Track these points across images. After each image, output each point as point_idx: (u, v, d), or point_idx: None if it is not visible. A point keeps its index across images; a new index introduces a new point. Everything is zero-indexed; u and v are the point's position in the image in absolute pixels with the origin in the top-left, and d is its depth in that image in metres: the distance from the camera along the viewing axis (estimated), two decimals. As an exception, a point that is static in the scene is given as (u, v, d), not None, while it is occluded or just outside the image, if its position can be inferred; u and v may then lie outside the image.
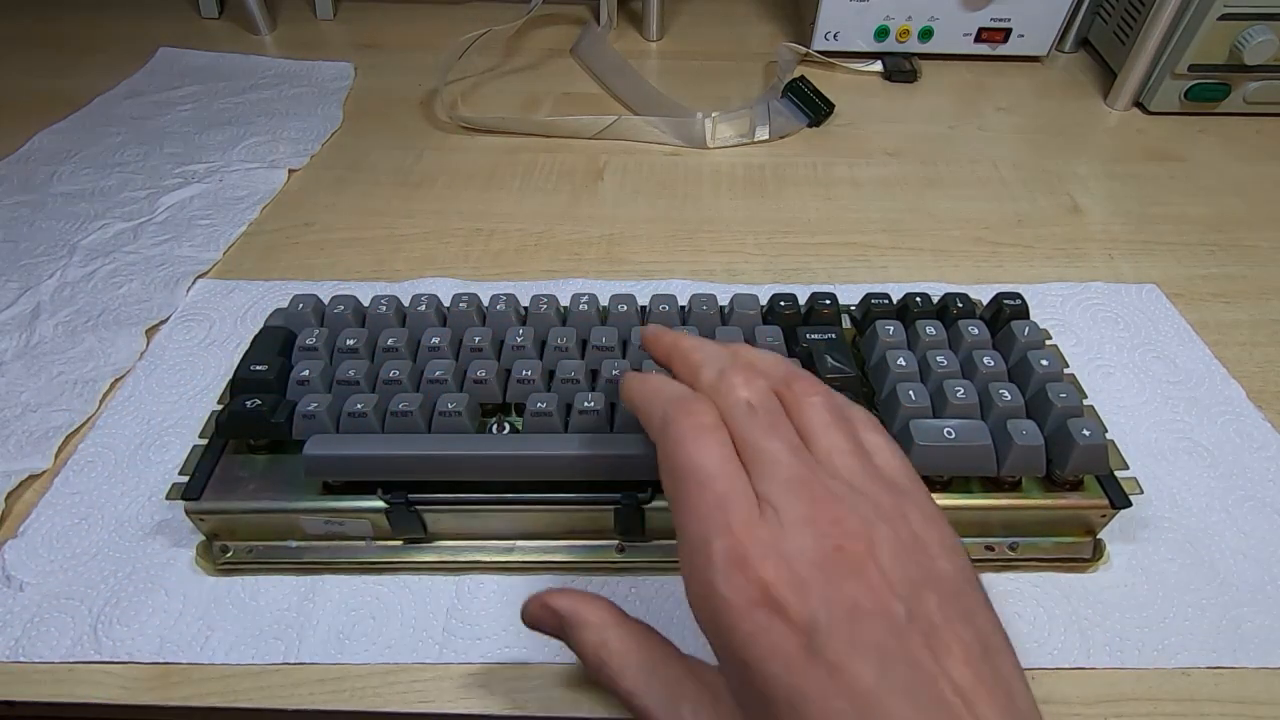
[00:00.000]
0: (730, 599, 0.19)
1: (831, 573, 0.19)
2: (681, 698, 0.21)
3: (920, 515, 0.21)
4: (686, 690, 0.21)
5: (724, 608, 0.19)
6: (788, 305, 0.36)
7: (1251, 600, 0.30)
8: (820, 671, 0.18)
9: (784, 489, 0.20)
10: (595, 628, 0.23)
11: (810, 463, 0.21)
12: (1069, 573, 0.31)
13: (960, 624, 0.19)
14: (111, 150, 0.54)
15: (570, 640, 0.24)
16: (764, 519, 0.20)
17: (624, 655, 0.22)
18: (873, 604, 0.19)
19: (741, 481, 0.21)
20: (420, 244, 0.47)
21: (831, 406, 0.23)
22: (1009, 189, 0.53)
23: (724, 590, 0.19)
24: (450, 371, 0.31)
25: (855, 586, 0.19)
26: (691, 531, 0.20)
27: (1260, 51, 0.54)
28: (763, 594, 0.19)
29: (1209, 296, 0.44)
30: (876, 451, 0.23)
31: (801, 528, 0.20)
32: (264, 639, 0.29)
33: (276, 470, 0.31)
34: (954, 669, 0.18)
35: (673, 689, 0.21)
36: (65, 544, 0.31)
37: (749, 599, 0.19)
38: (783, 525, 0.20)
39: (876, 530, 0.20)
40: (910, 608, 0.19)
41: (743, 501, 0.20)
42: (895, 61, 0.66)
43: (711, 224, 0.49)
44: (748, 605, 0.19)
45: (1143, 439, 0.36)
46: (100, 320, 0.41)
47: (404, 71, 0.65)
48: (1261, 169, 0.55)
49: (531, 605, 0.25)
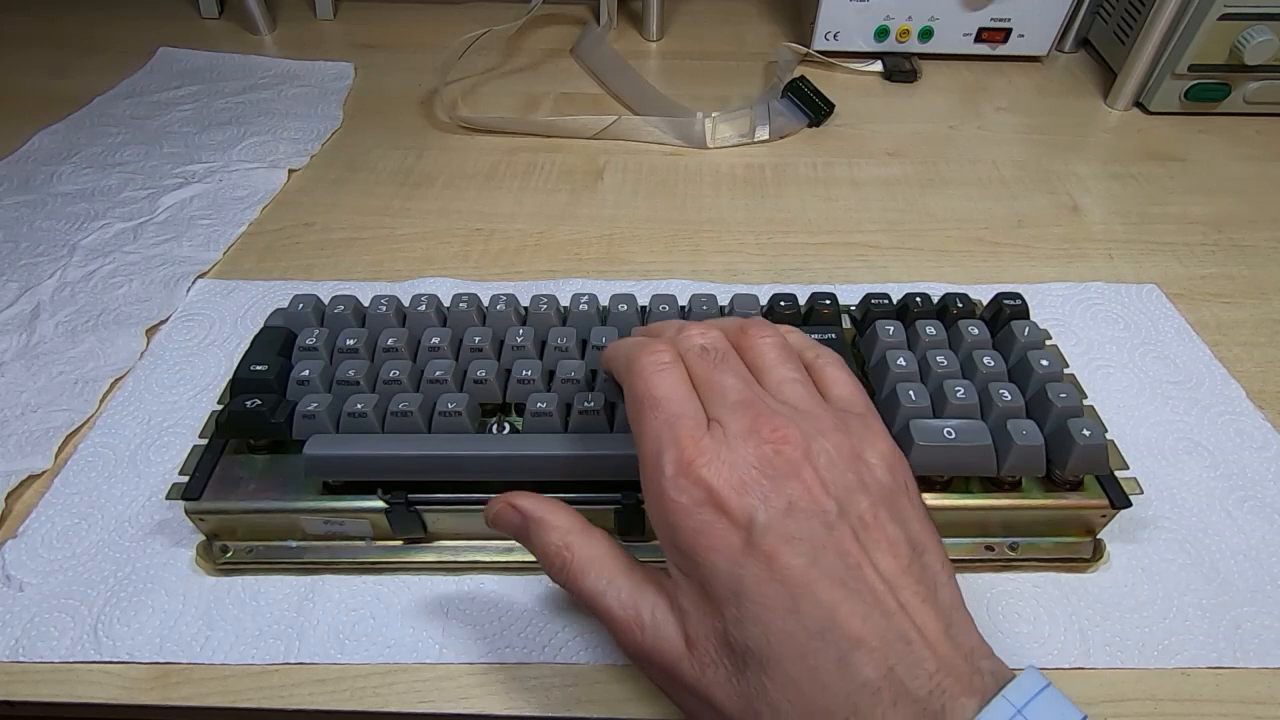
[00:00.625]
0: (679, 502, 0.21)
1: (770, 475, 0.21)
2: (641, 598, 0.23)
3: (864, 433, 0.23)
4: (646, 592, 0.23)
5: (674, 510, 0.21)
6: (788, 305, 0.36)
7: (1251, 600, 0.30)
8: (757, 561, 0.20)
9: (731, 409, 0.23)
10: (560, 530, 0.24)
11: (758, 389, 0.24)
12: (1069, 573, 0.31)
13: (891, 525, 0.21)
14: (111, 150, 0.54)
15: (532, 541, 0.25)
16: (710, 433, 0.22)
17: (587, 558, 0.24)
18: (807, 503, 0.21)
19: (692, 405, 0.23)
20: (420, 244, 0.47)
21: (782, 345, 0.25)
22: (1009, 189, 0.53)
23: (673, 494, 0.21)
24: (450, 371, 0.31)
25: (792, 487, 0.21)
26: (647, 449, 0.23)
27: (1260, 51, 0.54)
28: (707, 495, 0.21)
29: (1209, 296, 0.44)
30: (835, 384, 0.25)
31: (744, 438, 0.22)
32: (264, 639, 0.29)
33: (276, 470, 0.31)
34: (881, 561, 0.21)
35: (634, 590, 0.23)
36: (65, 544, 0.31)
37: (695, 500, 0.21)
38: (727, 437, 0.22)
39: (815, 441, 0.22)
40: (843, 507, 0.21)
41: (691, 420, 0.22)
42: (895, 61, 0.66)
43: (711, 224, 0.49)
44: (693, 506, 0.21)
45: (1143, 439, 0.36)
46: (100, 320, 0.41)
47: (404, 71, 0.65)
48: (1261, 169, 0.55)
49: (496, 504, 0.26)
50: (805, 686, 0.19)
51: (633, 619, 0.22)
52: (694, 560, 0.21)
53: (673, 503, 0.21)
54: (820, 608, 0.20)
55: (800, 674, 0.20)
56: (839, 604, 0.20)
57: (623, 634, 0.23)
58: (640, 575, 0.23)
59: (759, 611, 0.20)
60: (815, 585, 0.20)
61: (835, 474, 0.22)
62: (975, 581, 0.30)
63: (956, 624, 0.21)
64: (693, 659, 0.21)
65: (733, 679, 0.20)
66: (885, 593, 0.20)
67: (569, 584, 0.24)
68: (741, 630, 0.20)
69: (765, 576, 0.20)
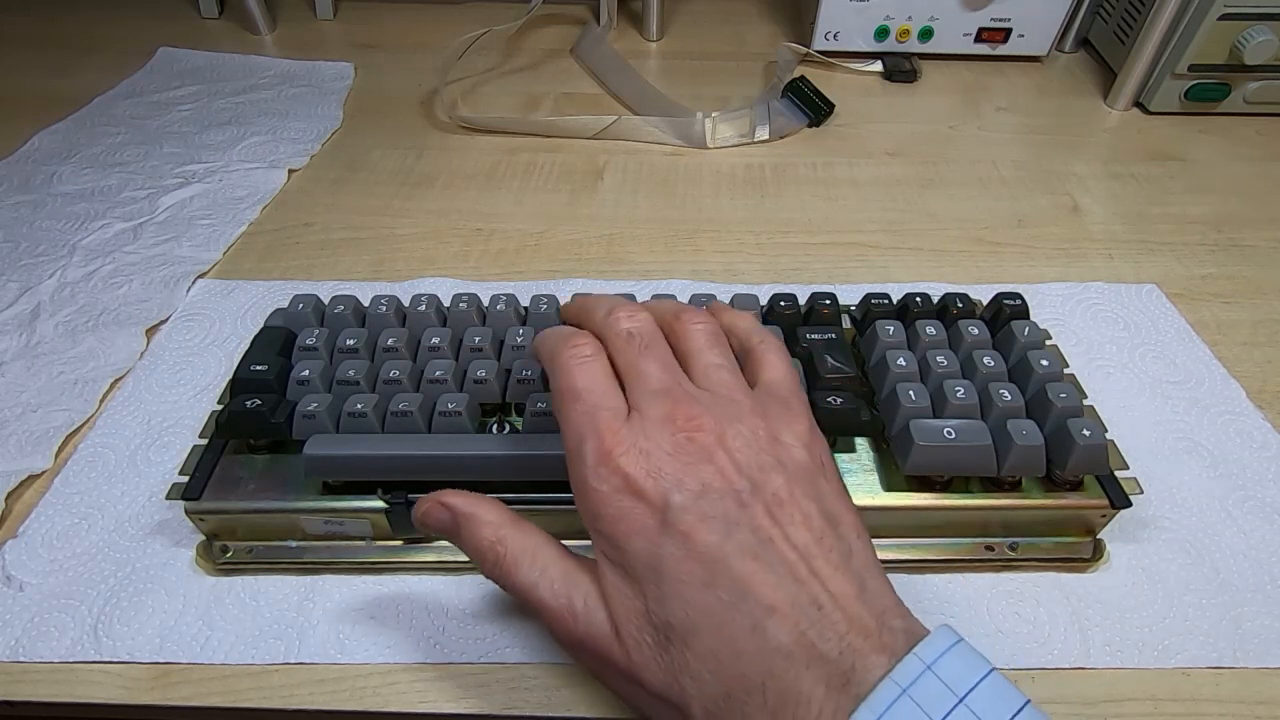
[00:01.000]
0: (600, 490, 0.22)
1: (684, 460, 0.22)
2: (574, 588, 0.23)
3: (783, 414, 0.24)
4: (578, 580, 0.23)
5: (595, 498, 0.22)
6: (788, 305, 0.36)
7: (1251, 600, 0.30)
8: (674, 540, 0.21)
9: (650, 397, 0.23)
10: (492, 525, 0.24)
11: (678, 376, 0.24)
12: (1069, 573, 0.31)
13: (806, 500, 0.22)
14: (111, 150, 0.54)
15: (464, 538, 0.25)
16: (628, 422, 0.23)
17: (519, 551, 0.24)
18: (721, 484, 0.22)
19: (611, 396, 0.24)
20: (420, 244, 0.47)
21: (711, 332, 0.26)
22: (1009, 189, 0.53)
23: (593, 483, 0.22)
24: (450, 371, 0.31)
25: (706, 470, 0.22)
26: (569, 440, 0.23)
27: (1260, 51, 0.54)
28: (625, 482, 0.22)
29: (1209, 296, 0.44)
30: (767, 368, 0.26)
31: (661, 425, 0.23)
32: (264, 639, 0.29)
33: (276, 470, 0.31)
34: (794, 533, 0.22)
35: (566, 579, 0.23)
36: (65, 544, 0.31)
37: (614, 488, 0.22)
38: (645, 425, 0.23)
39: (730, 426, 0.23)
40: (756, 485, 0.22)
41: (609, 411, 0.23)
42: (895, 61, 0.66)
43: (711, 224, 0.49)
44: (613, 493, 0.22)
45: (1143, 439, 0.36)
46: (100, 320, 0.41)
47: (404, 71, 0.65)
48: (1261, 169, 0.55)
49: (424, 503, 0.26)
50: (723, 655, 0.20)
51: (565, 608, 0.23)
52: (616, 545, 0.22)
53: (594, 491, 0.22)
54: (735, 580, 0.21)
55: (718, 644, 0.20)
56: (752, 575, 0.21)
57: (556, 623, 0.23)
58: (572, 564, 0.24)
59: (678, 588, 0.21)
60: (730, 558, 0.21)
61: (750, 455, 0.22)
62: (975, 581, 0.30)
63: (869, 588, 0.21)
64: (621, 642, 0.22)
65: (658, 656, 0.21)
66: (797, 561, 0.21)
67: (503, 578, 0.24)
68: (662, 607, 0.21)
69: (682, 555, 0.21)
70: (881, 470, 0.31)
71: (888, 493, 0.30)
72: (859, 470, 0.31)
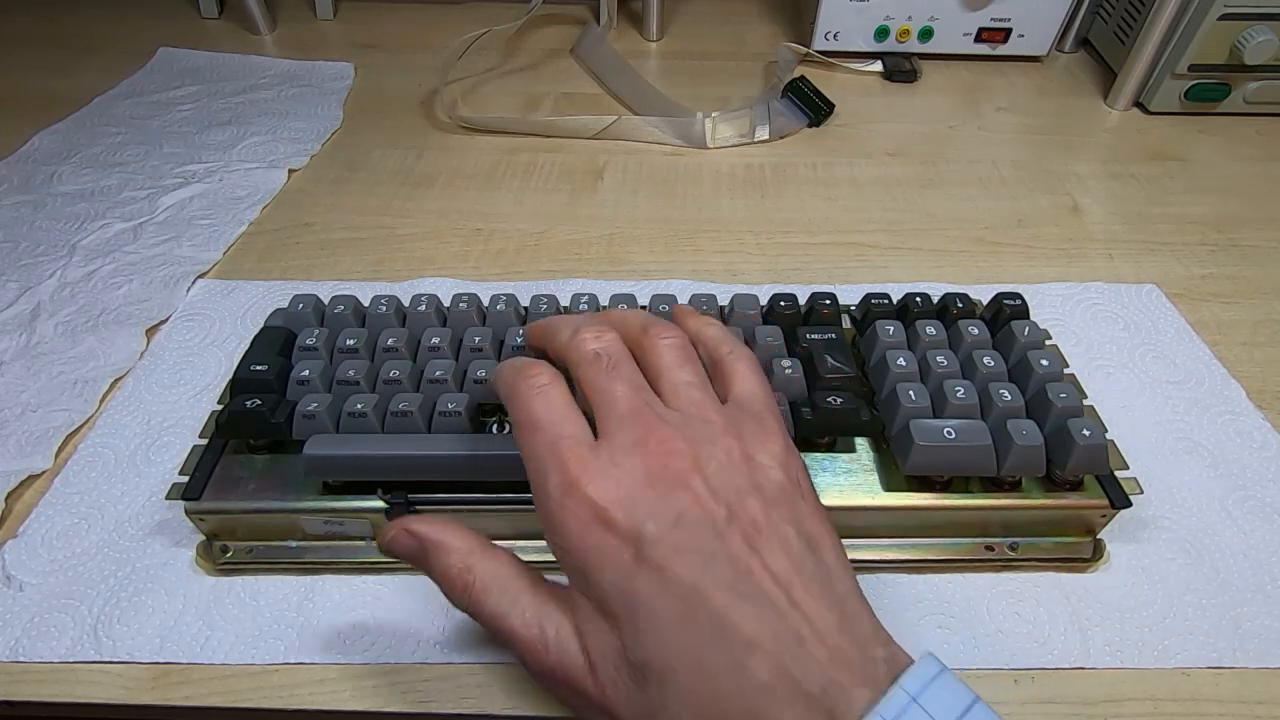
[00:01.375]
0: (567, 523, 0.21)
1: (657, 488, 0.21)
2: (545, 617, 0.22)
3: (757, 432, 0.23)
4: (549, 611, 0.22)
5: (564, 531, 0.21)
6: (788, 305, 0.36)
7: (1251, 600, 0.30)
8: (649, 575, 0.20)
9: (619, 422, 0.23)
10: (460, 552, 0.23)
11: (647, 397, 0.24)
12: (1069, 573, 0.31)
13: (784, 524, 0.21)
14: (111, 150, 0.54)
15: (432, 565, 0.24)
16: (595, 450, 0.22)
17: (489, 579, 0.23)
18: (696, 512, 0.21)
19: (571, 423, 0.23)
20: (420, 244, 0.47)
21: (680, 347, 0.25)
22: (1009, 189, 0.53)
23: (560, 516, 0.21)
24: (450, 371, 0.31)
25: (679, 498, 0.21)
26: (533, 475, 0.23)
27: (1260, 51, 0.54)
28: (594, 514, 0.21)
29: (1209, 296, 0.44)
30: (738, 380, 0.25)
31: (631, 451, 0.22)
32: (264, 639, 0.29)
33: (276, 470, 0.31)
34: (773, 561, 0.21)
35: (537, 609, 0.22)
36: (65, 544, 0.31)
37: (583, 520, 0.21)
38: (613, 452, 0.22)
39: (703, 449, 0.22)
40: (733, 512, 0.21)
41: (572, 439, 0.22)
42: (895, 61, 0.66)
43: (711, 224, 0.49)
44: (582, 526, 0.21)
45: (1143, 439, 0.36)
46: (100, 320, 0.41)
47: (404, 71, 0.65)
48: (1261, 169, 0.55)
49: (391, 530, 0.24)
50: (702, 695, 0.19)
51: (536, 639, 0.22)
52: (588, 579, 0.21)
53: (562, 525, 0.21)
54: (713, 615, 0.20)
55: (697, 683, 0.20)
56: (731, 609, 0.20)
57: (528, 654, 0.22)
58: (544, 593, 0.23)
59: (654, 625, 0.20)
60: (707, 593, 0.20)
61: (725, 479, 0.22)
62: (975, 581, 0.30)
63: (851, 615, 0.21)
64: (595, 677, 0.21)
65: (634, 694, 0.20)
66: (778, 593, 0.20)
67: (471, 607, 0.23)
68: (638, 645, 0.20)
69: (657, 590, 0.20)
70: (881, 470, 0.31)
71: (888, 493, 0.30)
72: (859, 470, 0.31)
